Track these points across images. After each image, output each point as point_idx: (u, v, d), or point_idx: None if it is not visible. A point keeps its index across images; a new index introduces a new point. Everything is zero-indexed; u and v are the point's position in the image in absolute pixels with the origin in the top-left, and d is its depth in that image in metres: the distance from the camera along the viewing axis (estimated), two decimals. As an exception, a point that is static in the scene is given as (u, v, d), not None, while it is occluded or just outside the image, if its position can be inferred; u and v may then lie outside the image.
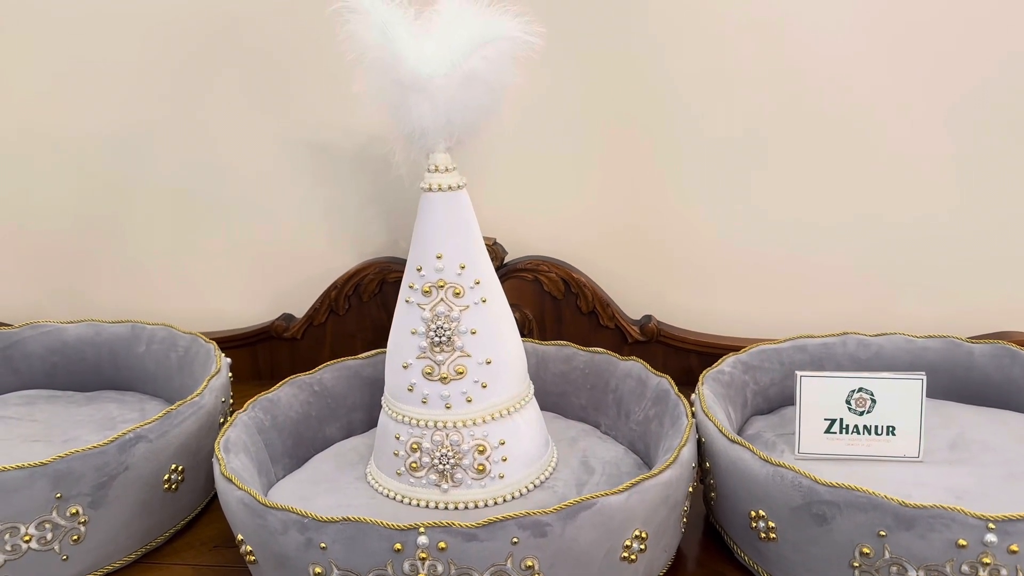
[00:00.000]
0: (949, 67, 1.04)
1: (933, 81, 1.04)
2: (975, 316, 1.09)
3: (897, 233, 1.10)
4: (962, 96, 1.04)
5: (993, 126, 1.05)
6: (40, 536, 0.76)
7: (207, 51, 1.15)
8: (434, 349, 0.81)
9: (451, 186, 0.81)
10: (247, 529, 0.71)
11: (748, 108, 1.09)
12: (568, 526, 0.65)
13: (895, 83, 1.05)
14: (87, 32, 1.16)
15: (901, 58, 1.04)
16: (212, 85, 1.16)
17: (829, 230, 1.12)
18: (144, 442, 0.80)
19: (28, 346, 1.11)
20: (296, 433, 0.91)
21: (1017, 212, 1.07)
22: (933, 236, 1.10)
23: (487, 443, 0.81)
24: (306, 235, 1.21)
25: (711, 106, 1.09)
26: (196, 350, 1.02)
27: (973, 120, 1.05)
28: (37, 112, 1.20)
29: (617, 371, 0.95)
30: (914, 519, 0.64)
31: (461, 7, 0.77)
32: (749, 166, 1.11)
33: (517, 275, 1.15)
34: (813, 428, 0.84)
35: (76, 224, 1.25)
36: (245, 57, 1.15)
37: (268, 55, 1.14)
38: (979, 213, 1.08)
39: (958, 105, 1.05)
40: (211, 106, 1.17)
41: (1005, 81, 1.03)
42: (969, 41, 1.03)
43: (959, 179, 1.07)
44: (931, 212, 1.09)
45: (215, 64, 1.15)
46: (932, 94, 1.05)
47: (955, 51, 1.03)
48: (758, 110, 1.09)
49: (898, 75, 1.05)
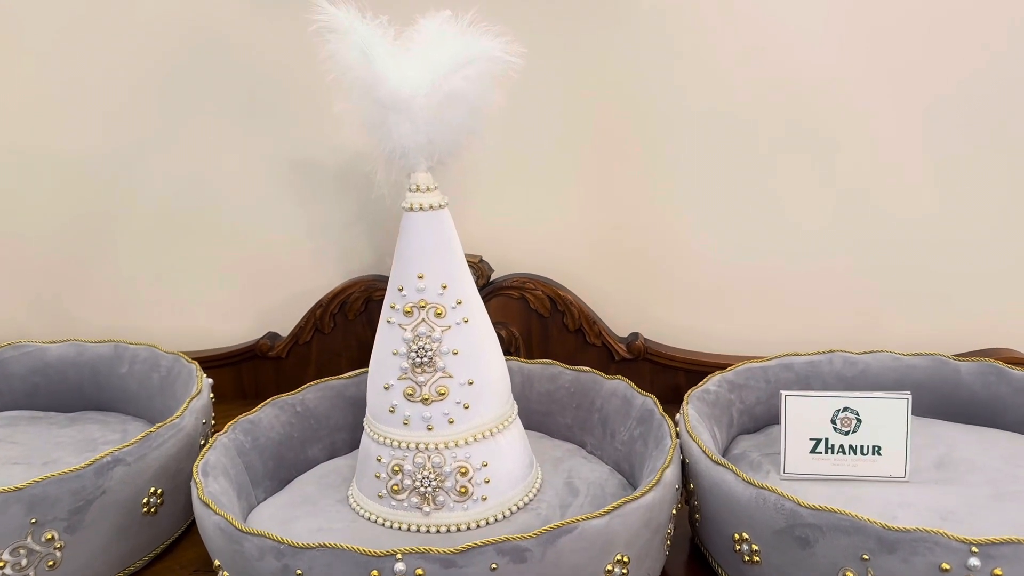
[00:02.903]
0: (947, 90, 1.04)
1: (921, 106, 1.05)
2: (962, 334, 1.09)
3: (884, 250, 1.10)
4: (951, 115, 1.05)
5: (976, 145, 1.05)
6: (15, 562, 0.74)
7: (192, 70, 1.15)
8: (415, 370, 0.80)
9: (432, 205, 0.80)
10: (224, 555, 0.70)
11: (733, 125, 1.09)
12: (548, 551, 0.65)
13: (889, 102, 1.05)
14: (73, 50, 1.16)
15: (896, 71, 1.04)
16: (197, 104, 1.16)
17: (816, 247, 1.12)
18: (122, 465, 0.80)
19: (9, 367, 1.10)
20: (278, 455, 0.91)
21: (1003, 230, 1.07)
22: (920, 253, 1.10)
23: (469, 465, 0.81)
24: (291, 253, 1.21)
25: (696, 122, 1.09)
26: (178, 370, 1.02)
27: (955, 142, 1.05)
28: (22, 128, 1.20)
29: (602, 390, 0.95)
30: (897, 542, 0.64)
31: (441, 27, 0.77)
32: (736, 183, 1.11)
33: (503, 293, 1.14)
34: (798, 448, 0.83)
35: (60, 241, 1.24)
36: (230, 76, 1.14)
37: (253, 74, 1.14)
38: (966, 231, 1.08)
39: (939, 124, 1.05)
40: (196, 124, 1.17)
41: (985, 103, 1.03)
42: (955, 62, 1.03)
43: (945, 197, 1.07)
44: (918, 229, 1.09)
45: (200, 83, 1.15)
46: (912, 113, 1.05)
47: (942, 71, 1.03)
48: (744, 127, 1.09)
49: (894, 94, 1.05)
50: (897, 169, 1.07)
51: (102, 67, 1.16)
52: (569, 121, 1.11)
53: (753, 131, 1.09)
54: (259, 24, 1.12)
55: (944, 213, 1.08)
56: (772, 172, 1.10)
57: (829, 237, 1.11)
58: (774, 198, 1.11)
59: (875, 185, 1.08)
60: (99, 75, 1.16)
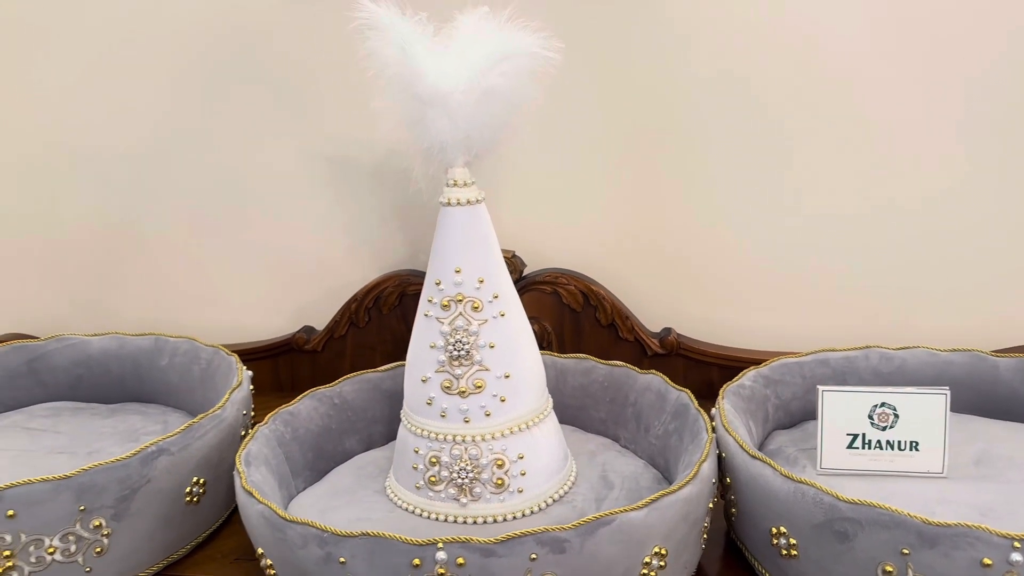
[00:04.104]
0: (978, 80, 1.03)
1: (954, 97, 1.04)
2: (1000, 329, 1.08)
3: (920, 244, 1.09)
4: (984, 106, 1.04)
5: (1016, 137, 1.04)
6: (64, 548, 0.76)
7: (231, 67, 1.16)
8: (453, 363, 0.81)
9: (469, 200, 0.81)
10: (267, 543, 0.71)
11: (767, 118, 1.08)
12: (587, 542, 0.65)
13: (920, 93, 1.04)
14: (112, 46, 1.18)
15: (931, 63, 1.03)
16: (235, 100, 1.18)
17: (851, 241, 1.11)
18: (166, 455, 0.81)
19: (53, 359, 1.12)
20: (316, 446, 0.92)
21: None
22: (957, 247, 1.09)
23: (506, 457, 0.81)
24: (327, 248, 1.22)
25: (729, 117, 1.09)
26: (218, 363, 1.03)
27: (994, 134, 1.04)
28: (61, 125, 1.22)
29: (636, 384, 0.95)
30: (938, 537, 0.63)
31: (480, 24, 0.78)
32: (769, 176, 1.11)
33: (536, 288, 1.15)
34: (835, 443, 0.83)
35: (101, 236, 1.26)
36: (268, 73, 1.16)
37: (291, 71, 1.15)
38: (1004, 225, 1.07)
39: (980, 115, 1.04)
40: (233, 121, 1.19)
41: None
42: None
43: (983, 191, 1.06)
44: (955, 223, 1.08)
45: (238, 80, 1.17)
46: (949, 106, 1.04)
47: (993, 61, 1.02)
48: (778, 120, 1.08)
49: (924, 84, 1.04)
50: (933, 162, 1.06)
51: (140, 66, 1.18)
52: (603, 116, 1.11)
53: (787, 128, 1.08)
54: (294, 21, 1.13)
55: (981, 207, 1.07)
56: (806, 168, 1.09)
57: (863, 232, 1.10)
58: (808, 193, 1.10)
59: (910, 179, 1.07)
60: (137, 74, 1.19)
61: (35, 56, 1.19)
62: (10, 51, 1.20)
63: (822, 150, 1.08)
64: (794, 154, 1.09)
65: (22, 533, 0.74)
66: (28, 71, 1.20)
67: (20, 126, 1.23)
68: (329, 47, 1.12)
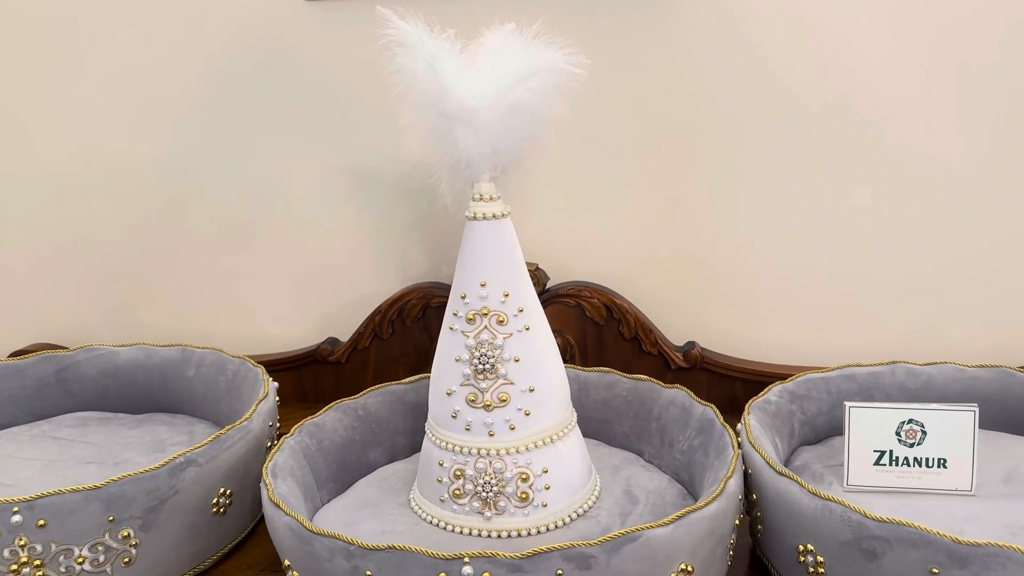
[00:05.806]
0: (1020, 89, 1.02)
1: (994, 109, 1.03)
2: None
3: (947, 258, 1.09)
4: (1013, 121, 1.03)
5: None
6: (93, 558, 0.77)
7: (262, 83, 1.18)
8: (478, 376, 0.82)
9: (495, 214, 0.81)
10: (294, 555, 0.71)
11: (794, 131, 1.08)
12: (613, 558, 0.65)
13: (949, 107, 1.04)
14: (142, 60, 1.20)
15: (972, 72, 1.03)
16: (265, 115, 1.19)
17: (877, 255, 1.10)
18: (194, 466, 0.82)
19: (82, 369, 1.14)
20: (340, 458, 0.92)
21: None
22: (984, 261, 1.08)
23: (530, 471, 0.82)
24: (351, 260, 1.23)
25: (755, 130, 1.09)
26: (244, 374, 1.04)
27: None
28: (91, 137, 1.24)
29: (660, 399, 0.95)
30: (968, 557, 0.63)
31: (506, 40, 0.78)
32: (794, 190, 1.10)
33: (559, 300, 1.15)
34: (862, 460, 0.83)
35: (129, 247, 1.28)
36: (297, 87, 1.17)
37: (318, 86, 1.17)
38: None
39: (1020, 129, 1.03)
40: (261, 134, 1.20)
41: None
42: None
43: (1011, 204, 1.05)
44: (982, 237, 1.07)
45: (269, 95, 1.18)
46: (989, 121, 1.04)
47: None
48: (804, 133, 1.08)
49: (954, 98, 1.03)
50: (962, 178, 1.06)
51: (171, 77, 1.20)
52: (628, 129, 1.12)
53: (813, 144, 1.08)
54: (324, 39, 1.14)
55: (1008, 222, 1.06)
56: (832, 183, 1.09)
57: (891, 247, 1.10)
58: (836, 208, 1.10)
59: (939, 195, 1.07)
60: (168, 85, 1.20)
61: (69, 71, 1.21)
62: (46, 65, 1.22)
63: (848, 165, 1.08)
64: (820, 169, 1.09)
65: (52, 543, 0.75)
66: (62, 85, 1.22)
67: (53, 138, 1.25)
68: (358, 64, 1.13)
